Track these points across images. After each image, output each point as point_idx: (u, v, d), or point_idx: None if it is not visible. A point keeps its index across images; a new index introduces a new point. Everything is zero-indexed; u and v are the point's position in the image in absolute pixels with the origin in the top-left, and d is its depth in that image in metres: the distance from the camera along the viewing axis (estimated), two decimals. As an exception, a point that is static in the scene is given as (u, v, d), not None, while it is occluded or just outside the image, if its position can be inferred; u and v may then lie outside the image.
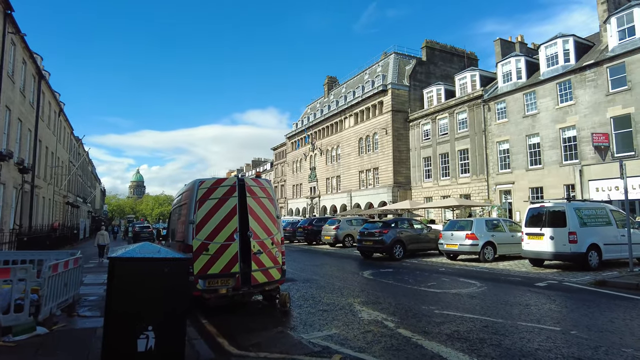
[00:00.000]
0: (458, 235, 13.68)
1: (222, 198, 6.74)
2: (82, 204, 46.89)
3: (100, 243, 18.45)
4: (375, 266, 13.51)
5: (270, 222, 7.11)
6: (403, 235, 15.99)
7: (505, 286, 9.17)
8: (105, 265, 14.71)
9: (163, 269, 3.70)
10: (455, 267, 12.73)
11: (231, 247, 6.56)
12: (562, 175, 24.98)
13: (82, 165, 47.30)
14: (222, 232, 6.58)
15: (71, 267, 6.28)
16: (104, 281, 10.40)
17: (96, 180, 75.57)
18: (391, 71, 39.75)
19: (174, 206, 9.13)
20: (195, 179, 7.11)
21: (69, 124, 36.94)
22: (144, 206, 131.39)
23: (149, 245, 4.17)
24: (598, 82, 23.49)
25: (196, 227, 6.55)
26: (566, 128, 25.07)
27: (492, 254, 13.59)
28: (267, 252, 6.88)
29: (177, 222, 7.90)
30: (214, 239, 6.53)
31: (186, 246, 6.54)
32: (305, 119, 56.09)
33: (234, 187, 6.87)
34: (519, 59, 29.09)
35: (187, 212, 6.84)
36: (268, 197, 7.28)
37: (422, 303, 7.38)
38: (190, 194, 6.92)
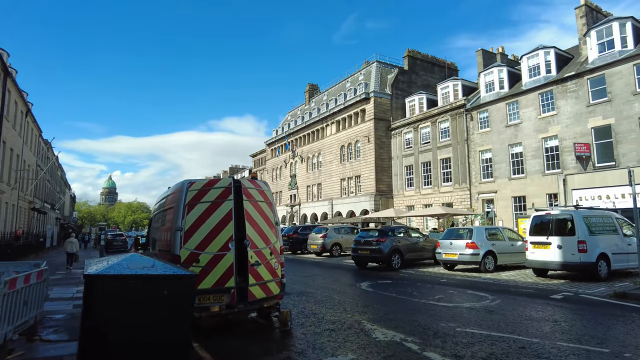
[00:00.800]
0: (457, 245, 13.19)
1: (215, 201, 5.95)
2: (50, 211, 44.52)
3: (69, 251, 17.98)
4: (372, 277, 12.88)
5: (268, 229, 6.36)
6: (401, 244, 15.47)
7: (519, 299, 8.68)
8: (75, 275, 13.52)
9: (161, 290, 2.82)
10: (457, 277, 12.26)
11: (226, 258, 5.73)
12: (544, 185, 25.15)
13: (50, 169, 45.00)
14: (215, 240, 5.77)
15: (34, 282, 5.25)
16: (73, 295, 9.35)
17: (66, 186, 72.38)
18: (374, 79, 39.66)
19: (155, 211, 8.23)
20: (184, 180, 6.29)
21: (37, 126, 35.02)
22: (116, 213, 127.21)
23: (139, 257, 3.33)
24: (579, 93, 23.85)
25: (185, 235, 5.73)
26: (548, 138, 25.31)
27: (493, 264, 13.22)
28: (266, 264, 6.12)
29: (160, 229, 7.03)
30: (206, 248, 5.72)
31: (172, 257, 5.71)
32: (286, 126, 55.43)
33: (229, 189, 6.07)
34: (501, 69, 29.39)
35: (173, 217, 6.01)
36: (266, 200, 6.53)
37: (438, 319, 6.77)
38: (177, 196, 6.09)
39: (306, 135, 48.77)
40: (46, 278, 5.84)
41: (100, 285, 2.84)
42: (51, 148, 42.17)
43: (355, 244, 16.15)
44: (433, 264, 16.06)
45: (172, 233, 5.91)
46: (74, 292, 9.76)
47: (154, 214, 8.35)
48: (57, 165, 56.42)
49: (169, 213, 6.49)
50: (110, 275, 2.86)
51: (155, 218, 7.94)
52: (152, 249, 7.58)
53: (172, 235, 5.89)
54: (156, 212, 7.97)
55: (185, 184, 6.11)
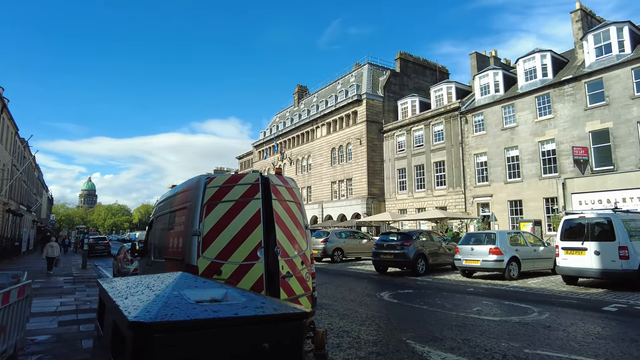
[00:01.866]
0: (480, 250, 12.47)
1: (240, 200, 5.00)
2: (26, 213, 42.40)
3: (50, 255, 17.31)
4: (389, 285, 12.01)
5: (299, 234, 5.48)
6: (425, 248, 14.78)
7: (569, 312, 7.88)
8: (57, 284, 12.27)
9: (258, 342, 1.65)
10: (482, 286, 11.46)
11: (254, 270, 4.81)
12: (541, 189, 24.89)
13: (27, 169, 42.92)
14: (241, 247, 4.84)
15: (14, 301, 4.23)
16: (56, 308, 8.27)
17: (43, 187, 69.60)
18: (365, 81, 39.12)
19: (158, 212, 7.14)
20: (201, 175, 5.32)
21: (13, 123, 33.20)
22: (95, 216, 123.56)
23: (193, 278, 2.28)
24: (576, 96, 23.69)
25: (203, 241, 4.80)
26: (545, 141, 25.09)
27: (517, 271, 12.49)
28: (297, 275, 5.23)
29: (166, 234, 6.04)
30: (229, 257, 4.78)
31: (187, 267, 4.73)
32: (274, 128, 54.43)
33: (256, 185, 5.13)
34: (496, 72, 29.18)
35: (187, 219, 5.09)
36: (295, 200, 5.65)
37: (494, 337, 5.94)
38: (192, 194, 5.14)
39: (295, 137, 47.91)
40: (29, 294, 4.81)
41: (166, 342, 1.59)
42: (28, 147, 40.17)
43: (376, 248, 15.45)
44: (449, 270, 15.34)
45: (186, 238, 4.95)
46: (57, 305, 8.65)
47: (155, 215, 7.31)
48: (34, 166, 54.07)
49: (179, 214, 5.52)
50: (180, 323, 1.64)
51: (159, 220, 6.91)
52: (154, 256, 6.55)
53: (186, 241, 4.93)
54: (160, 213, 6.92)
55: (202, 180, 5.14)
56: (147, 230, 7.94)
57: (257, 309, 1.71)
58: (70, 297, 9.84)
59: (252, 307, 1.71)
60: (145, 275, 2.64)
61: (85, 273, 16.93)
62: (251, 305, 1.74)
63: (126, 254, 12.97)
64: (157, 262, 6.25)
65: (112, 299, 1.73)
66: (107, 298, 1.84)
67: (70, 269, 19.23)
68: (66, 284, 13.03)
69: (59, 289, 11.71)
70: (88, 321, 6.99)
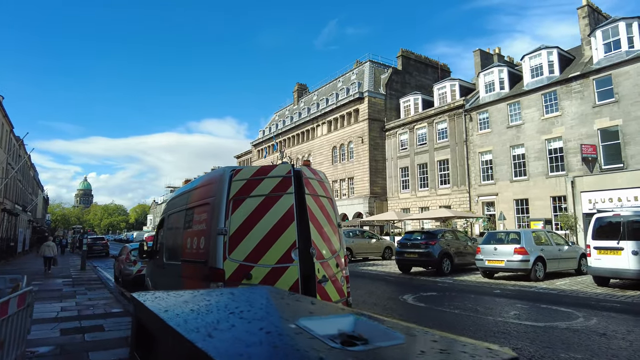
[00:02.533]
0: (504, 250, 11.97)
1: (270, 195, 4.49)
2: (22, 213, 41.63)
3: (47, 255, 17.34)
4: (409, 287, 11.48)
5: (332, 233, 4.96)
6: (451, 247, 14.38)
7: (619, 317, 7.32)
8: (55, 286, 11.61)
9: None
10: (509, 287, 10.91)
11: (288, 273, 4.30)
12: (548, 187, 24.51)
13: (22, 168, 42.17)
14: (273, 248, 4.33)
15: (13, 312, 3.67)
16: (57, 314, 7.72)
17: (38, 186, 68.69)
18: (367, 79, 38.64)
19: (171, 209, 6.52)
20: (225, 167, 4.80)
21: (8, 121, 32.47)
22: (91, 216, 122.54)
23: (261, 293, 1.52)
24: (584, 93, 23.30)
25: (230, 241, 4.29)
26: (552, 139, 24.70)
27: (543, 271, 11.97)
28: (333, 279, 4.71)
29: (181, 233, 5.50)
30: (260, 259, 4.28)
31: (211, 271, 4.27)
32: (273, 126, 53.85)
33: (288, 178, 4.60)
34: (501, 69, 28.76)
35: (210, 216, 4.56)
36: (327, 195, 5.13)
37: (549, 347, 5.39)
38: (216, 188, 4.61)
39: (295, 136, 47.37)
40: (30, 303, 4.26)
41: None
42: (23, 145, 39.38)
43: (400, 247, 15.11)
44: (468, 270, 14.87)
45: (210, 238, 4.43)
46: (58, 310, 8.08)
47: (167, 213, 6.69)
48: (30, 165, 53.25)
49: (199, 211, 4.99)
50: None
51: (172, 218, 6.31)
52: (167, 258, 6.01)
53: (210, 241, 4.41)
54: (173, 210, 6.33)
55: (227, 172, 4.60)
56: (156, 230, 7.38)
57: None
58: (71, 301, 9.28)
59: (432, 354, 1.05)
60: (205, 292, 1.93)
61: (84, 274, 16.35)
62: (425, 348, 1.07)
63: (129, 254, 12.40)
64: (171, 265, 5.71)
65: (182, 334, 1.11)
66: (165, 329, 1.20)
67: (68, 270, 18.64)
68: (65, 286, 12.47)
69: (58, 291, 11.13)
70: (93, 329, 6.45)
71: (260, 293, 1.51)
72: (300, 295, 1.60)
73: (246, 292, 1.50)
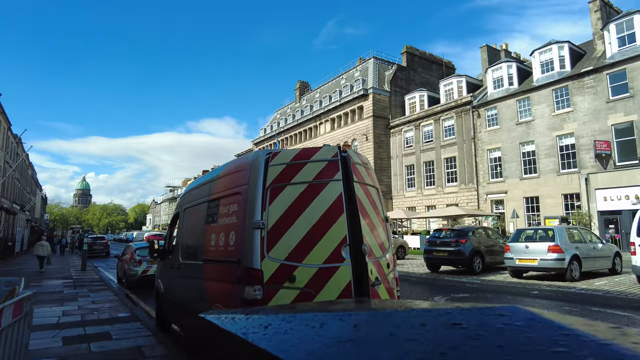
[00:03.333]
0: (537, 248, 11.27)
1: (314, 183, 3.84)
2: (20, 212, 40.90)
3: (40, 254, 17.32)
4: (437, 288, 10.88)
5: (382, 228, 4.37)
6: (482, 245, 13.83)
7: None
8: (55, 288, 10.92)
9: None
10: (545, 288, 10.19)
11: (338, 275, 3.65)
12: (559, 184, 23.93)
13: (20, 167, 41.47)
14: (320, 245, 3.69)
15: (8, 323, 3.01)
16: (58, 319, 7.09)
17: (37, 186, 67.92)
18: (371, 75, 38.00)
19: (188, 202, 5.79)
20: (259, 150, 4.18)
21: (5, 118, 31.77)
22: (90, 216, 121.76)
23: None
24: (598, 88, 22.73)
25: (268, 236, 3.67)
26: (564, 135, 24.12)
27: (579, 271, 11.31)
28: (385, 282, 4.12)
29: (203, 228, 4.80)
30: (305, 258, 3.65)
31: (245, 272, 3.64)
32: (275, 124, 53.21)
33: (334, 163, 3.93)
34: (510, 65, 28.18)
35: (242, 207, 3.92)
36: (374, 185, 4.53)
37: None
38: (249, 175, 3.95)
39: (298, 134, 46.71)
40: (29, 311, 3.62)
41: None
42: (21, 143, 38.69)
43: (429, 245, 14.64)
44: (494, 270, 14.28)
45: (243, 233, 3.79)
46: (59, 315, 7.44)
47: (183, 206, 5.96)
48: (28, 164, 52.51)
49: (227, 202, 4.31)
50: None
51: (190, 212, 5.61)
52: (183, 257, 5.36)
53: (243, 236, 3.78)
54: (191, 203, 5.60)
55: (262, 156, 3.95)
56: (169, 226, 6.74)
57: None
58: (72, 305, 8.64)
59: None
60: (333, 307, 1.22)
61: (85, 275, 15.71)
62: None
63: (133, 254, 11.77)
64: (190, 265, 5.07)
65: None
66: None
67: (68, 270, 17.99)
68: (66, 287, 11.82)
69: (58, 294, 10.48)
70: (99, 337, 5.82)
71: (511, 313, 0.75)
72: None
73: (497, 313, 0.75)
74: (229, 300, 3.92)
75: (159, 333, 6.06)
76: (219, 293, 4.15)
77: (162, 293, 6.35)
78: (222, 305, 4.02)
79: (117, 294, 10.35)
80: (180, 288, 5.35)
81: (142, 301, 9.55)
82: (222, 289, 4.10)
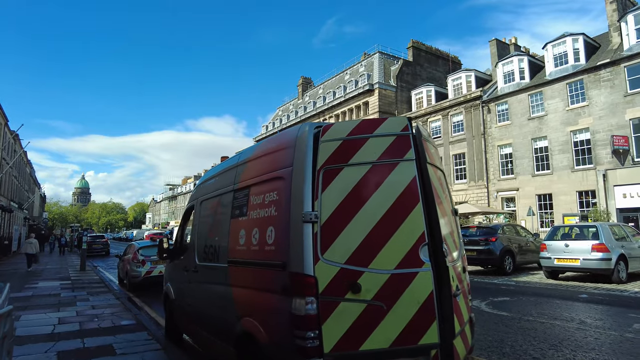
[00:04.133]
0: (578, 247, 10.45)
1: (380, 163, 3.00)
2: (18, 210, 40.07)
3: (29, 252, 17.28)
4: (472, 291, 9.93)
5: (454, 223, 3.59)
6: (512, 244, 13.16)
7: None
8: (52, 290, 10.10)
9: None
10: (592, 291, 9.36)
11: (417, 283, 2.85)
12: (574, 181, 23.16)
13: (18, 165, 40.62)
14: (391, 244, 2.87)
15: None
16: (53, 329, 6.30)
17: (35, 184, 67.04)
18: (377, 70, 37.21)
19: (205, 193, 4.97)
20: (302, 124, 3.26)
21: (2, 113, 30.92)
22: (89, 214, 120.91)
23: None
24: (615, 82, 21.95)
25: (323, 232, 2.86)
26: (578, 131, 23.35)
27: (625, 272, 10.44)
28: (462, 289, 3.34)
29: (227, 223, 3.99)
30: (372, 260, 2.84)
31: (294, 279, 2.85)
32: (277, 121, 52.42)
33: (405, 138, 3.06)
34: (521, 59, 27.38)
35: (285, 196, 3.12)
36: (442, 168, 3.74)
37: None
38: (293, 154, 3.15)
39: (301, 131, 45.89)
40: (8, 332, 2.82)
41: None
42: (19, 140, 37.85)
43: None
44: (527, 269, 13.53)
45: (286, 229, 3.01)
46: (55, 323, 6.64)
47: (199, 199, 5.11)
48: (26, 161, 51.64)
49: (261, 190, 3.50)
50: None
51: (208, 205, 4.77)
52: (200, 258, 4.52)
53: (287, 233, 2.99)
54: (210, 194, 4.73)
55: (310, 130, 3.11)
56: (181, 222, 5.91)
57: None
58: (70, 311, 7.85)
59: None
60: None
61: (84, 276, 14.92)
62: None
63: (136, 253, 10.98)
64: (209, 268, 4.27)
65: None
66: None
67: (67, 270, 17.21)
68: (64, 290, 11.03)
69: (55, 297, 9.69)
70: (101, 351, 5.03)
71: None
72: None
73: None
74: (267, 314, 3.16)
75: (170, 346, 5.26)
76: (253, 304, 3.37)
77: (172, 299, 5.56)
78: (258, 320, 3.24)
79: (119, 297, 9.57)
80: (197, 295, 4.57)
81: (147, 305, 8.79)
82: (256, 300, 3.32)
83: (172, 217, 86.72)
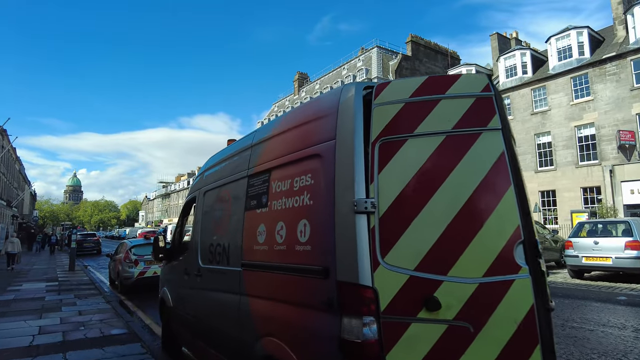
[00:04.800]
0: (610, 245, 9.80)
1: (455, 134, 2.23)
2: (6, 208, 38.93)
3: (10, 251, 16.76)
4: None
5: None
6: None
7: None
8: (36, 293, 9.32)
9: None
10: (629, 292, 8.74)
11: (512, 295, 2.09)
12: (578, 177, 22.69)
13: (5, 160, 39.46)
14: (476, 243, 2.10)
15: None
16: (32, 340, 5.55)
17: (25, 182, 65.61)
18: (375, 65, 36.54)
19: (211, 182, 4.15)
20: (346, 84, 2.44)
21: (-11, 108, 29.80)
22: (81, 212, 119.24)
23: None
24: (621, 76, 21.46)
25: (383, 227, 2.08)
26: (583, 126, 22.86)
27: None
28: None
29: (241, 217, 3.21)
30: (452, 266, 2.07)
31: (345, 291, 2.07)
32: (273, 117, 51.56)
33: (487, 101, 2.29)
34: (524, 53, 26.86)
35: (321, 180, 2.37)
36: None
37: None
38: (338, 123, 2.33)
39: (297, 127, 45.14)
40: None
41: None
42: (6, 135, 36.70)
43: None
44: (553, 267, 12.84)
45: (328, 222, 2.24)
46: (34, 333, 5.90)
47: (203, 189, 4.31)
48: (15, 158, 50.36)
49: (287, 174, 2.75)
50: None
51: (213, 195, 4.02)
52: (207, 260, 3.75)
53: (330, 228, 2.22)
54: (217, 182, 3.94)
55: (358, 90, 2.31)
56: (179, 217, 5.15)
57: None
58: (54, 317, 7.09)
59: None
60: None
61: (73, 276, 14.11)
62: None
63: (128, 253, 10.21)
64: (216, 272, 3.54)
65: None
66: None
67: (54, 270, 16.36)
68: (49, 293, 10.24)
69: (39, 301, 8.91)
70: (85, 370, 4.31)
71: None
72: None
73: None
74: (300, 335, 2.40)
75: (166, 361, 4.55)
76: (280, 322, 2.62)
77: (170, 307, 4.84)
78: (284, 341, 2.48)
79: (109, 300, 8.82)
80: (200, 304, 3.86)
81: (141, 310, 8.06)
82: (285, 317, 2.56)
83: (165, 215, 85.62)
